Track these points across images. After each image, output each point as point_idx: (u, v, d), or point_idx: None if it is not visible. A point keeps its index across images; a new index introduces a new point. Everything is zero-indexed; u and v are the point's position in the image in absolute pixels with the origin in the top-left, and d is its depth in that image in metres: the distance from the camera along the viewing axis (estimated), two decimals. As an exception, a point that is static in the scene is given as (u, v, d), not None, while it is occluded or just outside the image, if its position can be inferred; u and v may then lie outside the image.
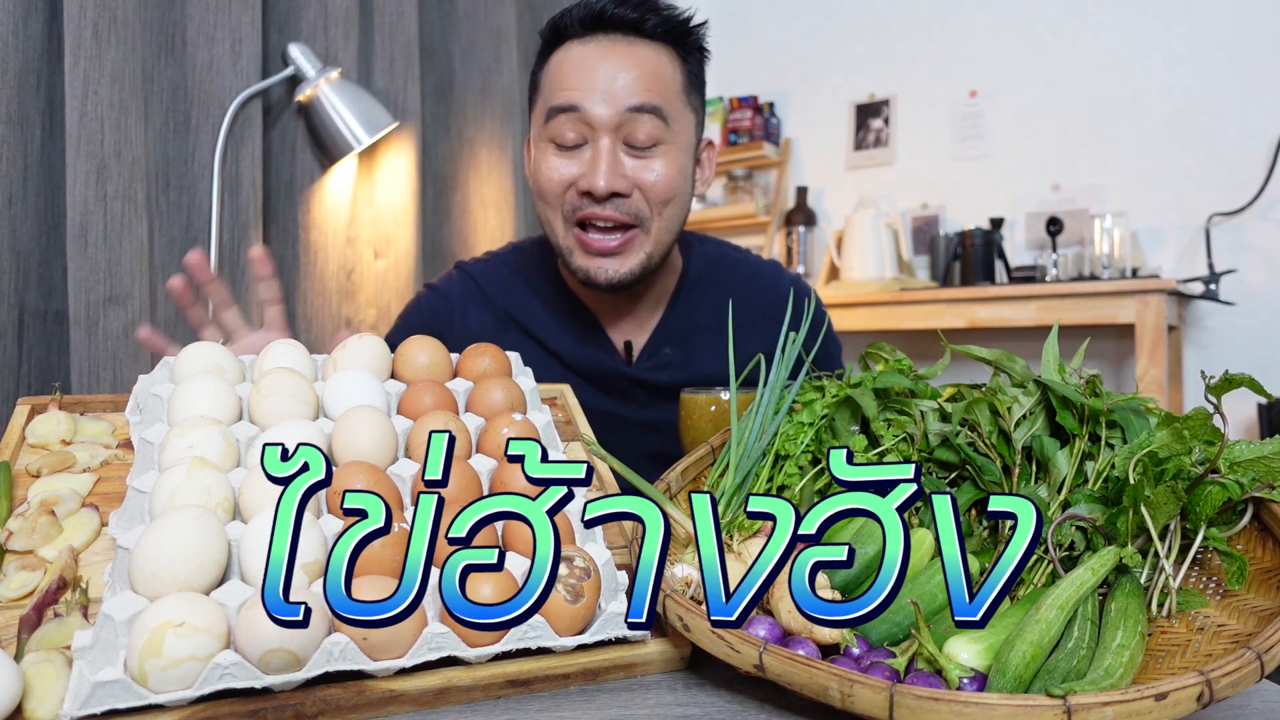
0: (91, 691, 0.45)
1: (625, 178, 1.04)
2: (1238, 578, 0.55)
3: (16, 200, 1.31)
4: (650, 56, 1.05)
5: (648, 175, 1.04)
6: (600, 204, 1.04)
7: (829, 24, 3.28)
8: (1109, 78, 2.76)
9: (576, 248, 1.07)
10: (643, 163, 1.05)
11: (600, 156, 1.03)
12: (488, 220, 2.11)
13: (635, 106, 1.02)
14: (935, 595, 0.58)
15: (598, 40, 1.05)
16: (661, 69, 1.06)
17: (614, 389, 1.18)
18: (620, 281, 1.07)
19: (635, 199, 1.05)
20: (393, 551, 0.56)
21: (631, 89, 1.03)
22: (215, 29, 1.56)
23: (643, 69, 1.04)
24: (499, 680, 0.53)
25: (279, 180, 1.74)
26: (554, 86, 1.05)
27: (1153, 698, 0.42)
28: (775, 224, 3.26)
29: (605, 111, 1.02)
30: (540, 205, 1.10)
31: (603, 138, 1.03)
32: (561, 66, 1.06)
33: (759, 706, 0.52)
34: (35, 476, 0.65)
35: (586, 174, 1.03)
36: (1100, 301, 2.39)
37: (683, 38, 1.08)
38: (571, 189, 1.05)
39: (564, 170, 1.05)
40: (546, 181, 1.07)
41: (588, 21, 1.05)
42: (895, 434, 0.70)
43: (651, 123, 1.03)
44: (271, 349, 0.76)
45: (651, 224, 1.07)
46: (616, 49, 1.04)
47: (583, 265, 1.07)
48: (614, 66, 1.03)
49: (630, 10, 1.04)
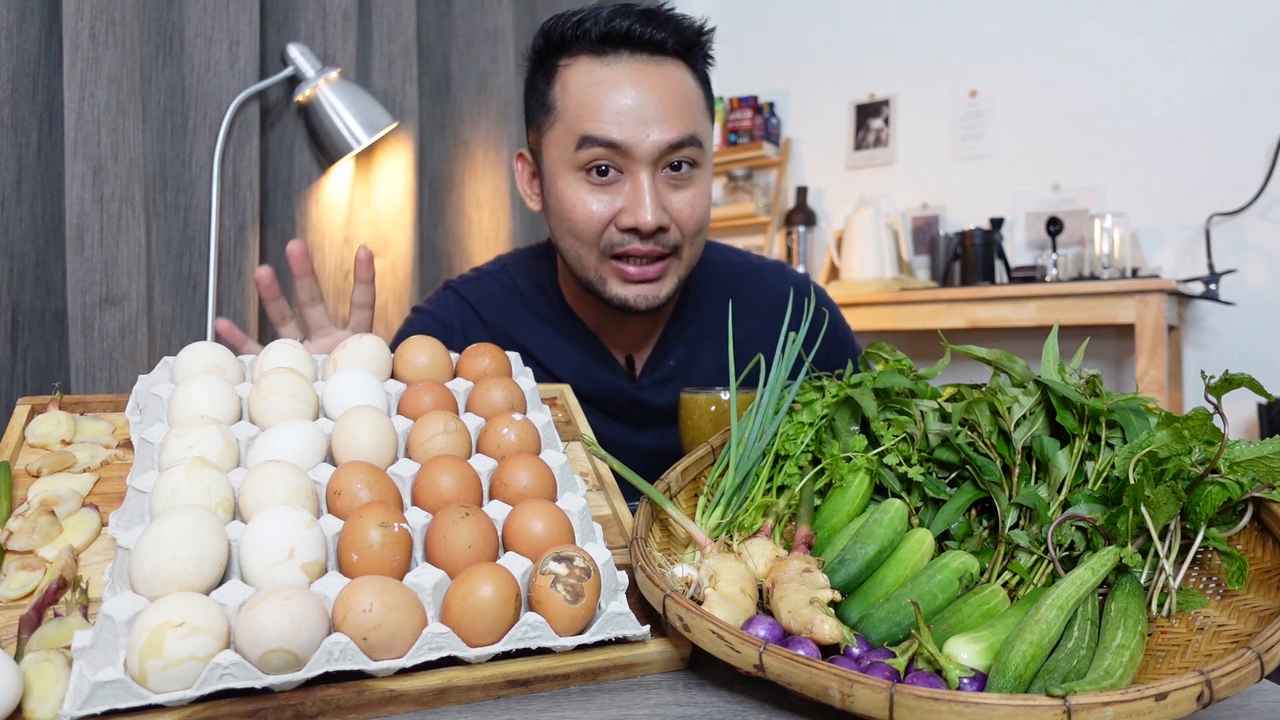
0: (91, 691, 0.45)
1: (665, 210, 1.01)
2: (1238, 578, 0.55)
3: (10, 202, 1.31)
4: (677, 78, 1.03)
5: (684, 208, 1.03)
6: (642, 239, 1.01)
7: (829, 24, 3.28)
8: (1109, 78, 2.77)
9: (613, 278, 1.05)
10: (680, 194, 1.03)
11: (643, 192, 1.00)
12: (483, 221, 2.11)
13: (676, 142, 1.00)
14: (935, 595, 0.58)
15: (622, 61, 1.01)
16: (689, 91, 1.04)
17: (616, 410, 1.17)
18: (659, 306, 1.06)
19: (673, 231, 1.03)
20: (393, 552, 0.56)
21: (671, 121, 1.00)
22: (213, 30, 1.56)
23: (676, 96, 1.01)
24: (499, 680, 0.53)
25: (277, 181, 1.74)
26: (583, 113, 1.00)
27: (1153, 698, 0.42)
28: (775, 224, 3.26)
29: (648, 145, 0.99)
30: (568, 239, 1.06)
31: (642, 170, 1.00)
32: (588, 91, 1.01)
33: (759, 706, 0.52)
34: (35, 476, 0.65)
35: (629, 209, 1.00)
36: (1100, 301, 2.39)
37: (694, 48, 1.06)
38: (610, 225, 1.02)
39: (600, 206, 1.01)
40: (584, 219, 1.02)
41: (609, 38, 1.01)
42: (895, 434, 0.70)
43: (691, 152, 1.02)
44: (271, 349, 0.76)
45: (684, 251, 1.06)
46: (645, 73, 1.01)
47: (620, 294, 1.05)
48: (649, 92, 1.00)
49: (656, 30, 1.01)
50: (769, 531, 0.65)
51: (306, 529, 0.55)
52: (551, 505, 0.63)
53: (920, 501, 0.68)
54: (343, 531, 0.57)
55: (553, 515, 0.61)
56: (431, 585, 0.55)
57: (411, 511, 0.62)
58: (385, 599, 0.51)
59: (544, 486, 0.66)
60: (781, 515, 0.67)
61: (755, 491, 0.69)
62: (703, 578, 0.59)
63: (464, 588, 0.54)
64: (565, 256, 1.09)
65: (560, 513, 0.62)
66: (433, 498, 0.63)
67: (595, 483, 0.77)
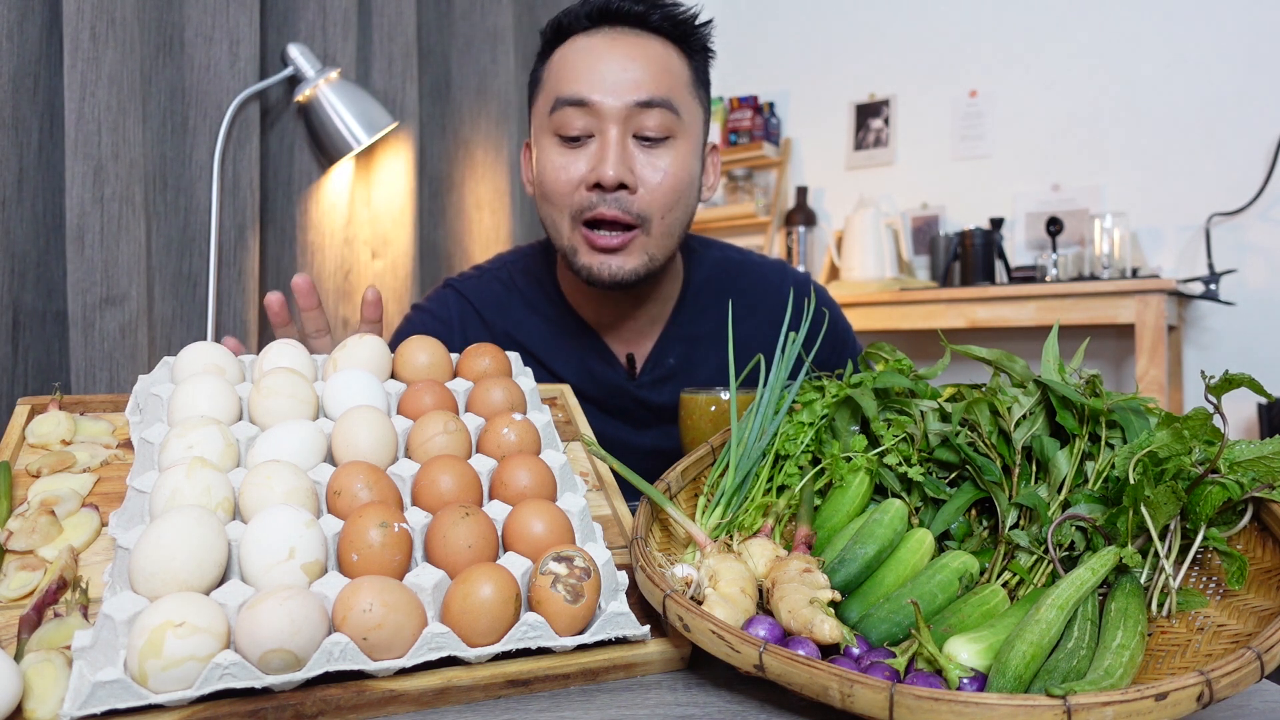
0: (91, 691, 0.45)
1: (633, 172, 1.01)
2: (1238, 578, 0.55)
3: (11, 202, 1.31)
4: (658, 50, 1.04)
5: (653, 174, 1.02)
6: (607, 200, 1.01)
7: (829, 24, 3.28)
8: (1109, 78, 2.77)
9: (582, 245, 1.05)
10: (651, 158, 1.02)
11: (609, 146, 1.00)
12: (483, 221, 2.11)
13: (645, 100, 1.01)
14: (935, 595, 0.58)
15: (604, 33, 1.04)
16: (670, 62, 1.04)
17: (616, 409, 1.17)
18: (623, 280, 1.05)
19: (640, 196, 1.02)
20: (393, 552, 0.56)
21: (641, 81, 1.01)
22: (213, 30, 1.56)
23: (651, 61, 1.02)
24: (499, 680, 0.53)
25: (277, 181, 1.74)
26: (559, 78, 1.04)
27: (1153, 698, 0.42)
28: (775, 224, 3.26)
29: (615, 103, 1.00)
30: (544, 206, 1.07)
31: (611, 128, 1.01)
32: (567, 59, 1.04)
33: (759, 706, 0.52)
34: (35, 476, 0.65)
35: (595, 166, 1.01)
36: (1100, 301, 2.39)
37: (688, 36, 1.07)
38: (580, 187, 1.03)
39: (571, 167, 1.03)
40: (552, 180, 1.04)
41: (593, 15, 1.04)
42: (895, 434, 0.70)
43: (662, 115, 1.02)
44: (271, 349, 0.76)
45: (653, 226, 1.04)
46: (624, 40, 1.03)
47: (586, 263, 1.05)
48: (622, 58, 1.02)
49: (635, 3, 1.03)
50: (769, 531, 0.65)
51: (306, 529, 0.55)
52: (551, 505, 0.63)
53: (920, 501, 0.68)
54: (343, 531, 0.57)
55: (553, 515, 0.61)
56: (431, 585, 0.55)
57: (411, 511, 0.62)
58: (385, 599, 0.51)
59: (544, 486, 0.66)
60: (781, 515, 0.67)
61: (755, 491, 0.69)
62: (703, 578, 0.59)
63: (464, 588, 0.54)
64: (546, 228, 1.10)
65: (560, 513, 0.62)
66: (433, 498, 0.63)
67: (595, 483, 0.77)
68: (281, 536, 0.54)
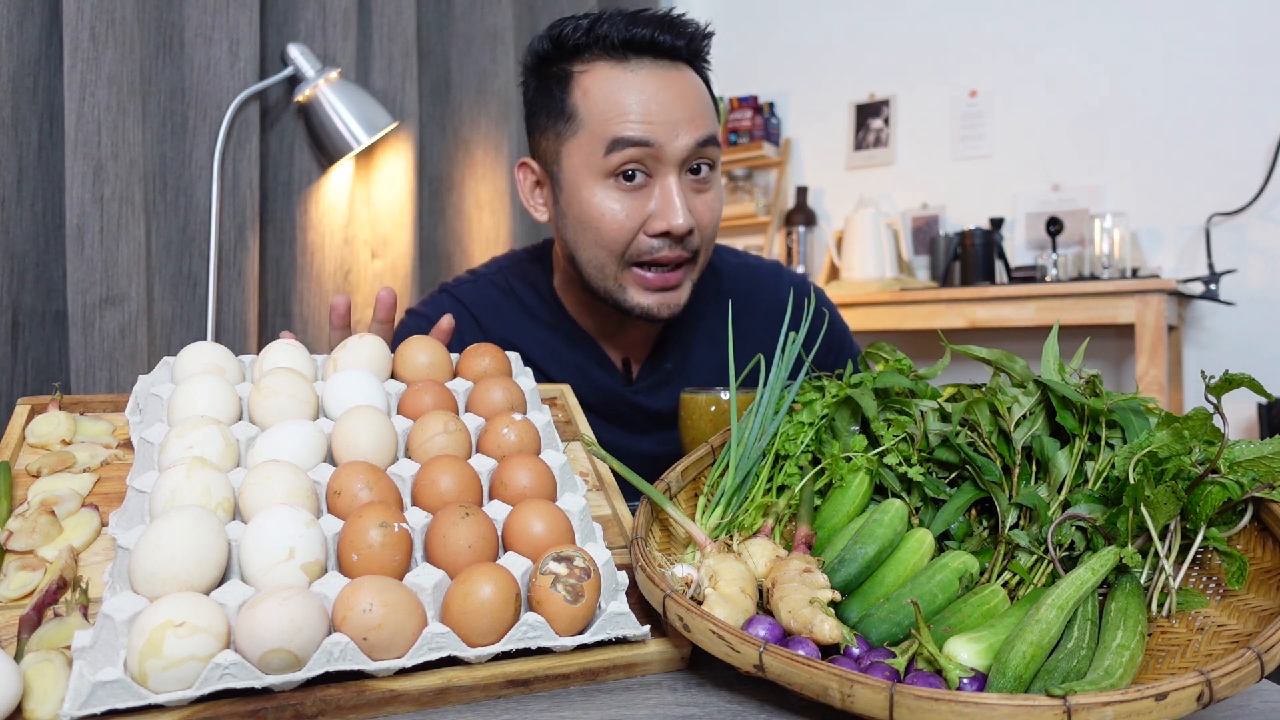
0: (91, 691, 0.45)
1: (693, 214, 1.01)
2: (1238, 578, 0.55)
3: (10, 202, 1.31)
4: (693, 82, 1.04)
5: (706, 211, 1.04)
6: (671, 245, 1.01)
7: (829, 24, 3.28)
8: (1109, 78, 2.77)
9: (633, 286, 1.04)
10: (702, 198, 1.04)
11: (673, 194, 1.00)
12: (482, 221, 2.11)
13: (703, 140, 1.01)
14: (935, 595, 0.58)
15: (646, 67, 1.01)
16: (704, 93, 1.05)
17: (613, 414, 1.17)
18: (677, 314, 1.07)
19: (695, 235, 1.03)
20: (393, 552, 0.56)
21: (695, 120, 1.01)
22: (213, 30, 1.56)
23: (697, 99, 1.02)
24: (499, 680, 0.53)
25: (277, 181, 1.74)
26: (611, 116, 0.99)
27: (1153, 698, 0.42)
28: (775, 224, 3.26)
29: (678, 146, 0.99)
30: (591, 249, 1.04)
31: (670, 173, 1.00)
32: (615, 94, 1.00)
33: (759, 706, 0.52)
34: (35, 476, 0.65)
35: (660, 214, 1.00)
36: (1100, 301, 2.39)
37: (699, 55, 1.06)
38: (639, 233, 1.01)
39: (630, 213, 1.01)
40: (613, 227, 1.01)
41: (631, 45, 1.01)
42: (895, 434, 0.70)
43: (711, 152, 1.03)
44: (271, 349, 0.76)
45: (700, 256, 1.06)
46: (669, 78, 1.01)
47: (643, 303, 1.04)
48: (675, 96, 1.00)
49: (674, 37, 1.01)
50: (769, 531, 0.65)
51: (306, 529, 0.55)
52: (551, 505, 0.63)
53: (920, 501, 0.68)
54: (343, 531, 0.57)
55: (553, 515, 0.61)
56: (431, 585, 0.55)
57: (411, 511, 0.62)
58: (385, 599, 0.51)
59: (544, 486, 0.66)
60: (781, 515, 0.67)
61: (755, 491, 0.69)
62: (703, 578, 0.59)
63: (464, 588, 0.54)
64: (583, 267, 1.07)
65: (560, 513, 0.62)
66: (433, 498, 0.63)
67: (595, 483, 0.77)
68: (281, 536, 0.54)
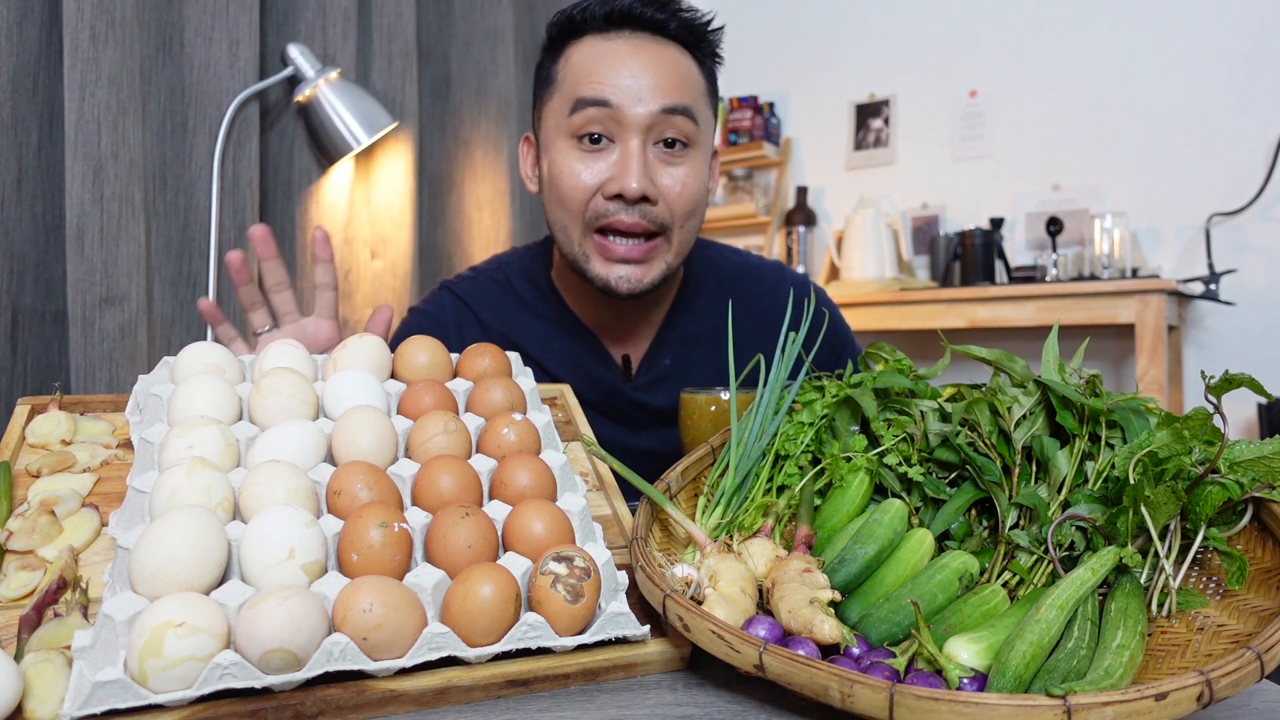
0: (91, 691, 0.45)
1: (654, 183, 1.01)
2: (1238, 578, 0.55)
3: (10, 202, 1.31)
4: (675, 58, 1.04)
5: (674, 185, 1.02)
6: (628, 209, 1.01)
7: (829, 24, 3.28)
8: (1109, 78, 2.77)
9: (595, 254, 1.04)
10: (670, 169, 1.03)
11: (631, 157, 1.00)
12: (483, 221, 2.11)
13: (669, 107, 1.00)
14: (935, 595, 0.58)
15: (624, 37, 1.03)
16: (687, 72, 1.04)
17: (613, 411, 1.17)
18: (641, 291, 1.05)
19: (661, 207, 1.02)
20: (393, 552, 0.56)
21: (665, 88, 1.01)
22: (213, 30, 1.55)
23: (673, 69, 1.02)
24: (499, 680, 0.53)
25: (277, 181, 1.74)
26: (580, 78, 1.02)
27: (1153, 698, 0.42)
28: (775, 224, 3.26)
29: (640, 110, 1.00)
30: (555, 210, 1.06)
31: (633, 138, 1.00)
32: (588, 59, 1.02)
33: (759, 706, 0.52)
34: (35, 476, 0.65)
35: (616, 176, 1.00)
36: (1100, 301, 2.39)
37: (700, 42, 1.07)
38: (597, 194, 1.02)
39: (589, 173, 1.01)
40: (569, 185, 1.02)
41: (612, 17, 1.03)
42: (895, 434, 0.70)
43: (683, 124, 1.02)
44: (271, 349, 0.76)
45: (674, 234, 1.05)
46: (646, 47, 1.02)
47: (602, 274, 1.04)
48: (645, 64, 1.01)
49: (656, 10, 1.03)
50: (769, 531, 0.65)
51: (306, 529, 0.55)
52: (551, 505, 0.63)
53: (920, 501, 0.68)
54: (343, 531, 0.57)
55: (553, 515, 0.61)
56: (431, 585, 0.55)
57: (411, 511, 0.62)
58: (385, 599, 0.51)
59: (544, 486, 0.66)
60: (781, 515, 0.67)
61: (755, 491, 0.69)
62: (703, 578, 0.59)
63: (464, 588, 0.54)
64: (554, 231, 1.08)
65: (560, 513, 0.62)
66: (433, 498, 0.63)
67: (595, 483, 0.77)
68: (281, 536, 0.54)
